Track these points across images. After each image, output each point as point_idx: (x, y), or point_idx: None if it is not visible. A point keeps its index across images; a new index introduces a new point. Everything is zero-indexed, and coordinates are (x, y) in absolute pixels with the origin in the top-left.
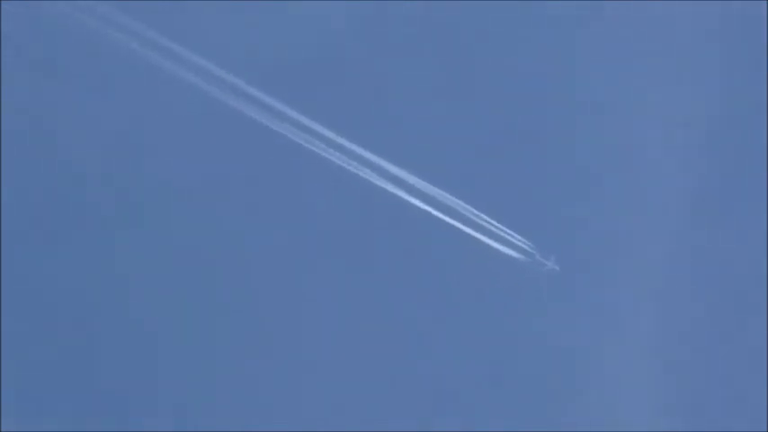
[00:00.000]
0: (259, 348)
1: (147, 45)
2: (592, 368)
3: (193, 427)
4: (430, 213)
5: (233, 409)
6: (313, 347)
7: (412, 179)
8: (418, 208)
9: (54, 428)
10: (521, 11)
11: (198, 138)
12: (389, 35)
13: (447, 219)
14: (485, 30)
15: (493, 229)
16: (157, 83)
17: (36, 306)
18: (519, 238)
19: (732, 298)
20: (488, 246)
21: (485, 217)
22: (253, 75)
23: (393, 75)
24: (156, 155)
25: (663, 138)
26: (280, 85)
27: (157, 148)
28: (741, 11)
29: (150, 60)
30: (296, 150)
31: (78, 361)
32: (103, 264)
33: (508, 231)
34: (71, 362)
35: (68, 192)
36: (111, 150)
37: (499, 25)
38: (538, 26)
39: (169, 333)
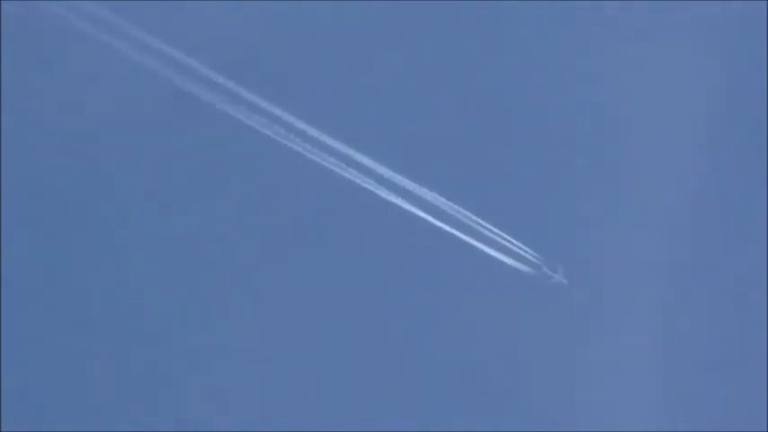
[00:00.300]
0: (259, 348)
1: (146, 47)
2: (592, 368)
3: (193, 427)
4: (430, 221)
5: (233, 408)
6: (314, 348)
7: (410, 184)
8: (419, 216)
9: (54, 428)
10: (521, 11)
11: (197, 138)
12: (386, 34)
13: (452, 229)
14: (483, 30)
15: (497, 238)
16: (155, 84)
17: (36, 306)
18: (526, 249)
19: (732, 298)
20: (494, 258)
21: (489, 226)
22: (251, 77)
23: (391, 76)
24: (155, 155)
25: (663, 138)
26: (273, 87)
27: (156, 149)
28: (741, 11)
29: (149, 62)
30: (300, 157)
31: (78, 361)
32: (104, 264)
33: (515, 242)
34: (71, 362)
35: (68, 192)
36: (110, 151)
37: (499, 25)
38: (538, 26)
39: (168, 333)
